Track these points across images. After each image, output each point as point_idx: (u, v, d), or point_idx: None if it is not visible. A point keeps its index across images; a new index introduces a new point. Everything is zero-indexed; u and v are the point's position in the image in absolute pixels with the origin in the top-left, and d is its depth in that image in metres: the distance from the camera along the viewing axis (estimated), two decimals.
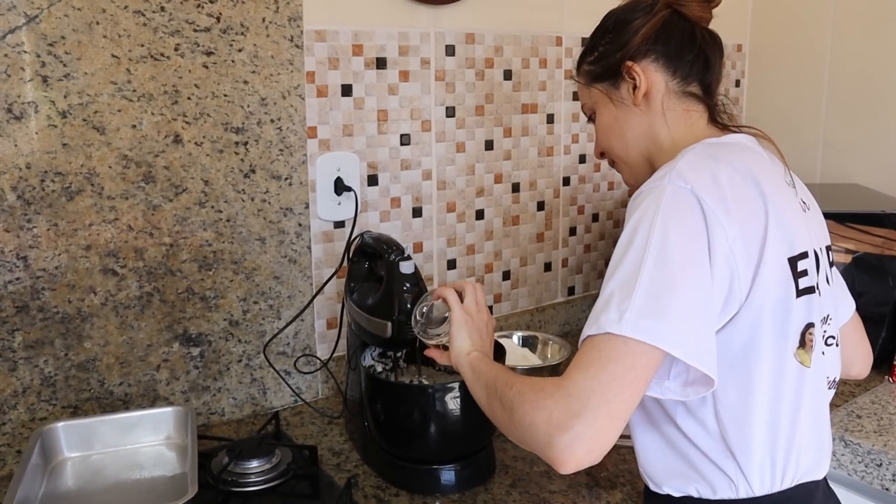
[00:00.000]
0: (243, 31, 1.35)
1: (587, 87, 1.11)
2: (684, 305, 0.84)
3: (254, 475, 1.19)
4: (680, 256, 0.85)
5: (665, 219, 0.87)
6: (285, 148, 1.43)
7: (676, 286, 0.84)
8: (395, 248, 1.23)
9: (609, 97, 1.08)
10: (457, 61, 1.64)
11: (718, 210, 0.88)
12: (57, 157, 1.22)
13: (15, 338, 1.23)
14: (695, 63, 1.04)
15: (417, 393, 1.22)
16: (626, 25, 1.06)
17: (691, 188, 0.88)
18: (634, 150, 1.08)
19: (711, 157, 0.95)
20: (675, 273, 0.84)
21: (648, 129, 1.06)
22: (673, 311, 0.83)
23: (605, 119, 1.10)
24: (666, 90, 1.04)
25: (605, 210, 2.00)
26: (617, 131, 1.09)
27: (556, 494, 1.21)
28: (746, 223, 0.90)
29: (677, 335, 0.83)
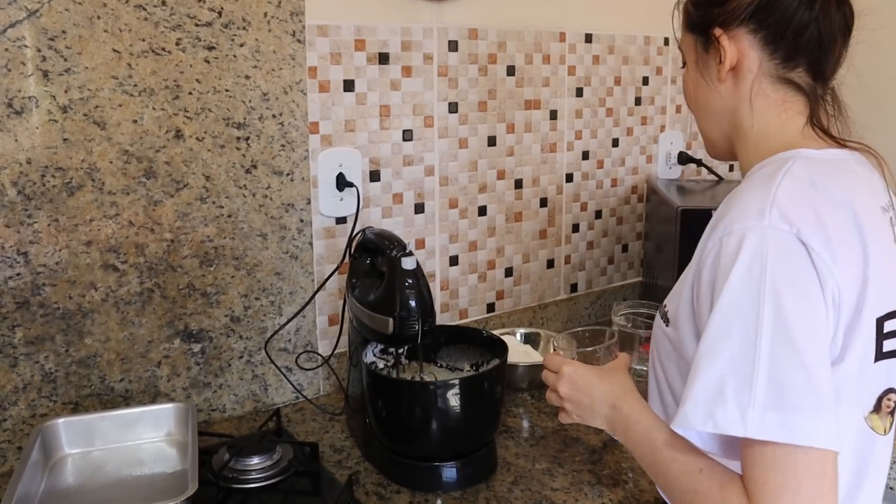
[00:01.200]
0: (245, 26, 1.34)
1: (682, 32, 0.94)
2: (817, 386, 0.73)
3: (255, 472, 1.19)
4: (801, 324, 0.74)
5: (775, 279, 0.74)
6: (287, 143, 1.42)
7: (807, 365, 0.73)
8: (397, 244, 1.23)
9: (696, 57, 0.92)
10: (460, 57, 1.63)
11: (827, 257, 0.76)
12: (58, 152, 1.21)
13: (15, 334, 1.22)
14: (804, 43, 0.85)
15: (419, 389, 1.22)
16: None
17: (797, 233, 0.76)
18: (715, 126, 0.95)
19: (812, 184, 0.80)
20: (802, 350, 0.73)
21: (732, 111, 0.91)
22: (803, 397, 0.72)
23: (688, 80, 0.95)
24: (759, 71, 0.87)
25: (609, 207, 1.99)
26: (697, 100, 0.95)
27: (559, 492, 1.20)
28: (847, 275, 0.78)
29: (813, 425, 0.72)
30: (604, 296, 2.01)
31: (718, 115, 0.92)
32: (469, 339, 1.38)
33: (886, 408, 0.83)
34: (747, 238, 0.76)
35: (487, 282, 1.79)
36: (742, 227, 0.78)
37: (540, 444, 1.35)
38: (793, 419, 0.71)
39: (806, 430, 0.71)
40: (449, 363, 1.39)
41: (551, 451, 1.32)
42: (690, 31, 0.92)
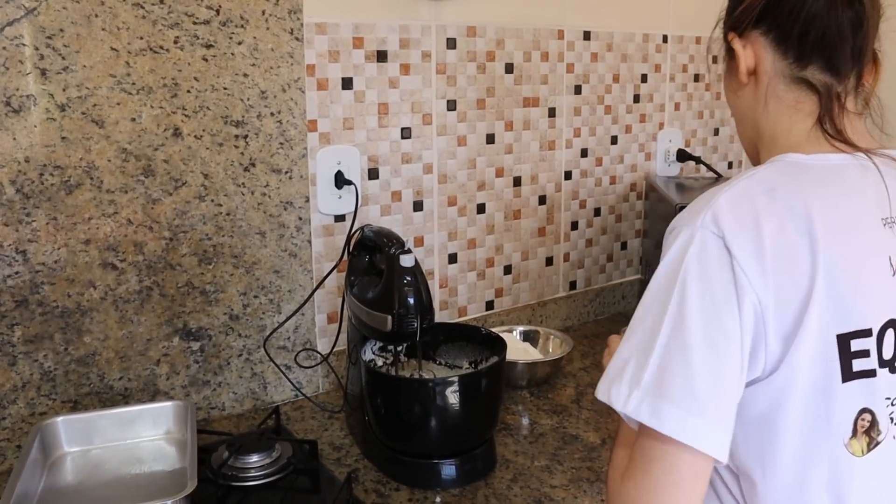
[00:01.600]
0: (243, 24, 1.34)
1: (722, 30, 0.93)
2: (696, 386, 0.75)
3: (254, 470, 1.19)
4: (698, 325, 0.76)
5: (687, 277, 0.77)
6: (285, 141, 1.42)
7: (692, 363, 0.75)
8: (396, 242, 1.23)
9: (726, 65, 0.93)
10: (458, 54, 1.63)
11: (751, 268, 0.76)
12: (56, 151, 1.21)
13: (14, 332, 1.22)
14: (811, 40, 0.83)
15: (418, 387, 1.22)
16: None
17: (723, 238, 0.77)
18: (743, 132, 0.93)
19: (769, 191, 0.79)
20: (691, 347, 0.75)
21: (752, 115, 0.90)
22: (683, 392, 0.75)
23: (724, 80, 0.95)
24: (773, 72, 0.86)
25: (608, 205, 1.99)
26: (731, 107, 0.95)
27: (558, 489, 1.20)
28: (783, 288, 0.76)
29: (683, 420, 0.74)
30: (603, 293, 2.02)
31: (744, 121, 0.92)
32: (468, 337, 1.38)
33: (861, 428, 0.81)
34: (679, 235, 0.79)
35: (486, 279, 1.79)
36: (679, 224, 0.81)
37: (539, 442, 1.35)
38: (665, 409, 0.75)
39: (674, 422, 0.74)
40: (448, 361, 1.40)
41: (550, 449, 1.32)
42: (723, 41, 0.93)
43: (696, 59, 2.08)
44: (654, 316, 0.78)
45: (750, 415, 0.80)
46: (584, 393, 1.55)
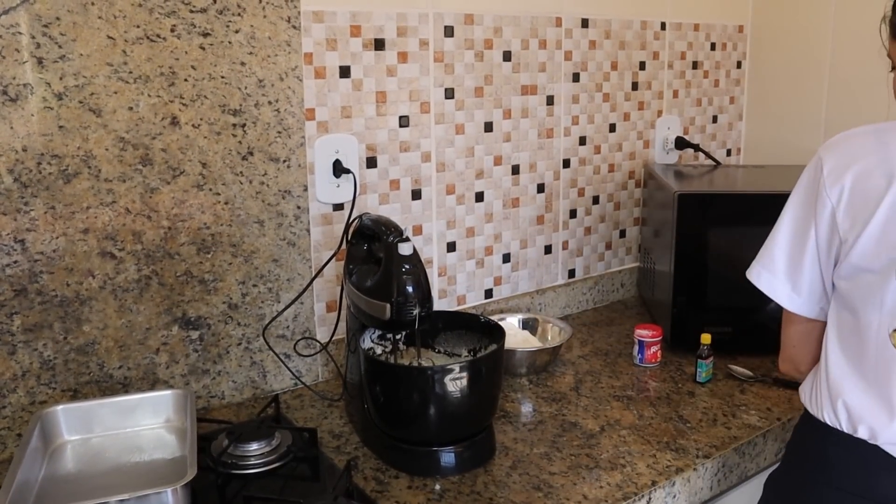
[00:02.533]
0: (240, 12, 1.34)
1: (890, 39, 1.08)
2: (775, 254, 1.10)
3: (254, 458, 1.19)
4: (790, 216, 1.09)
5: (798, 184, 1.09)
6: (283, 130, 1.42)
7: (776, 238, 1.11)
8: (394, 230, 1.23)
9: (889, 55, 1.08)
10: (456, 42, 1.63)
11: (830, 183, 1.02)
12: (53, 140, 1.21)
13: (14, 321, 1.22)
14: None
15: (417, 375, 1.22)
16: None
17: (820, 160, 1.05)
18: None
19: (880, 132, 1.03)
20: (780, 227, 1.10)
21: None
22: (766, 257, 1.12)
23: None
24: None
25: (606, 192, 1.99)
26: None
27: (557, 476, 1.21)
28: (854, 199, 1.01)
29: (767, 276, 1.12)
30: (601, 281, 2.02)
31: None
32: (467, 325, 1.38)
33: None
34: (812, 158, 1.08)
35: (485, 268, 1.79)
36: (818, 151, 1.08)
37: (538, 429, 1.35)
38: (756, 269, 1.14)
39: (759, 277, 1.13)
40: (447, 349, 1.40)
41: (549, 436, 1.33)
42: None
43: (694, 46, 2.08)
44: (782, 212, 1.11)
45: (836, 295, 1.08)
46: (583, 380, 1.55)
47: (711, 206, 1.62)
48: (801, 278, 1.09)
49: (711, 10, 2.11)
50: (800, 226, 1.08)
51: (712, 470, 1.26)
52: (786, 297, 1.11)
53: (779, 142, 2.20)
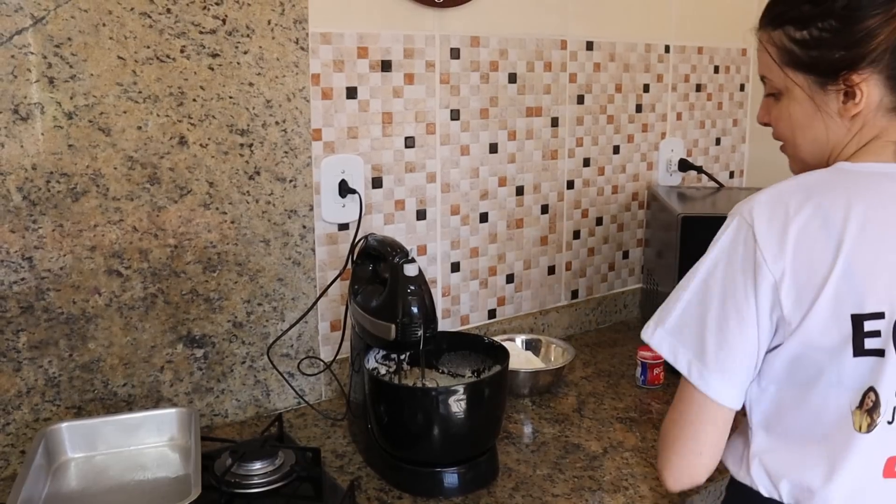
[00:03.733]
0: (249, 34, 1.35)
1: (779, 66, 0.97)
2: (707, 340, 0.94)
3: (257, 477, 1.19)
4: (718, 291, 0.93)
5: (720, 252, 0.95)
6: (290, 150, 1.43)
7: (706, 318, 0.94)
8: (399, 251, 1.23)
9: (810, 97, 0.96)
10: (461, 64, 1.64)
11: (769, 253, 0.90)
12: (62, 158, 1.22)
13: (20, 338, 1.23)
14: None
15: (421, 395, 1.23)
16: (858, 20, 0.89)
17: (752, 227, 0.91)
18: (814, 153, 1.00)
19: (807, 189, 0.92)
20: (708, 306, 0.94)
21: (840, 140, 0.96)
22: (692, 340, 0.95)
23: (795, 115, 0.98)
24: (878, 107, 0.93)
25: (610, 214, 2.00)
26: (804, 133, 0.99)
27: (560, 498, 1.20)
28: (800, 271, 0.89)
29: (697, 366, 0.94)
30: (604, 302, 2.02)
31: (823, 144, 0.98)
32: (471, 346, 1.39)
33: (866, 406, 0.90)
34: (730, 220, 0.95)
35: (489, 288, 1.79)
36: (732, 212, 0.96)
37: (541, 451, 1.35)
38: (680, 351, 0.96)
39: (685, 362, 0.95)
40: (451, 369, 1.40)
41: (552, 458, 1.33)
42: (794, 69, 0.96)
43: (697, 69, 2.10)
44: (691, 277, 0.96)
45: (772, 374, 0.95)
46: (586, 402, 1.55)
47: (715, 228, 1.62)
48: (734, 366, 0.93)
49: (715, 33, 2.12)
50: (734, 305, 0.91)
51: (715, 493, 1.26)
52: (722, 392, 0.93)
53: (782, 164, 2.19)
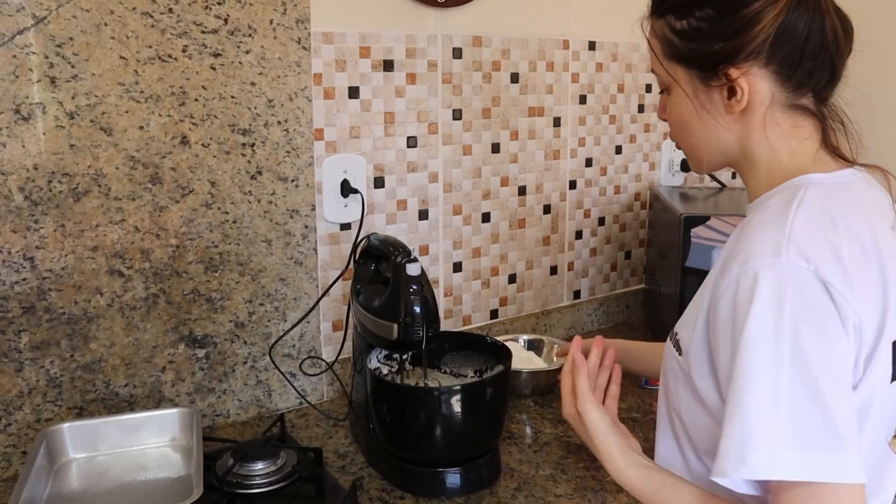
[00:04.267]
0: (251, 33, 1.35)
1: (661, 59, 0.90)
2: (838, 423, 0.73)
3: (259, 477, 1.19)
4: (820, 363, 0.74)
5: (795, 319, 0.74)
6: (292, 150, 1.43)
7: (828, 406, 0.73)
8: (402, 250, 1.23)
9: (692, 92, 0.88)
10: (464, 64, 1.64)
11: (846, 292, 0.76)
12: (64, 158, 1.22)
13: (21, 338, 1.23)
14: (816, 70, 0.83)
15: (423, 395, 1.22)
16: (736, 8, 0.82)
17: (815, 270, 0.75)
18: (715, 155, 0.92)
19: (826, 215, 0.80)
20: (822, 391, 0.73)
21: (738, 142, 0.88)
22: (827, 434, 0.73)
23: (681, 114, 0.91)
24: (771, 103, 0.85)
25: (612, 214, 1.99)
26: (695, 133, 0.91)
27: (562, 498, 1.20)
28: (868, 305, 0.78)
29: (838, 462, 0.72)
30: (607, 302, 2.02)
31: (721, 146, 0.90)
32: (473, 346, 1.39)
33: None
34: (764, 277, 0.76)
35: (491, 288, 1.79)
36: (758, 264, 0.77)
37: (543, 451, 1.35)
38: (818, 458, 0.72)
39: (831, 467, 0.72)
40: (453, 369, 1.40)
41: (555, 458, 1.33)
42: (675, 62, 0.88)
43: None
44: (765, 371, 0.74)
45: None
46: None
47: (716, 228, 1.62)
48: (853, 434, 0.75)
49: None
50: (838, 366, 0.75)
51: None
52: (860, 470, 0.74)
53: None
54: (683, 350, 0.90)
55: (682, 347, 0.90)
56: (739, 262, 0.78)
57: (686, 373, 0.89)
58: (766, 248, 0.77)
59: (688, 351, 0.89)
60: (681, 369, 0.91)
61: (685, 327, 0.91)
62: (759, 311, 0.75)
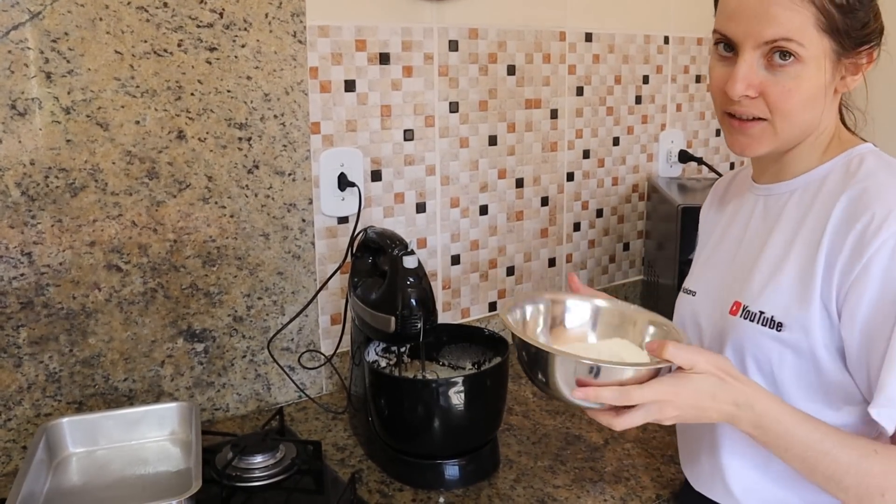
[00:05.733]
0: (246, 27, 1.35)
1: (817, 29, 0.87)
2: None
3: (258, 470, 1.19)
4: None
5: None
6: (289, 143, 1.43)
7: None
8: (399, 243, 1.23)
9: (827, 63, 0.89)
10: (460, 56, 1.64)
11: None
12: (61, 154, 1.22)
13: (20, 334, 1.23)
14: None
15: (421, 387, 1.22)
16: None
17: None
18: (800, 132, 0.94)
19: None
20: None
21: (822, 122, 0.94)
22: None
23: (811, 88, 0.90)
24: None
25: (610, 206, 1.99)
26: (817, 108, 0.92)
27: (561, 489, 1.20)
28: None
29: None
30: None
31: (812, 124, 0.94)
32: (471, 338, 1.39)
33: None
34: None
35: (489, 281, 1.79)
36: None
37: (542, 442, 1.35)
38: None
39: None
40: (451, 361, 1.40)
41: (553, 449, 1.33)
42: (829, 35, 0.88)
43: (697, 60, 2.09)
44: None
45: None
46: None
47: None
48: None
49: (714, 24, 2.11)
50: None
51: None
52: None
53: None
54: (786, 325, 0.93)
55: (784, 322, 0.93)
56: (892, 220, 0.85)
57: (796, 347, 0.93)
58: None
59: (796, 324, 0.92)
60: (785, 346, 0.93)
61: (777, 300, 0.94)
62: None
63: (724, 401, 0.87)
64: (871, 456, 0.85)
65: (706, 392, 0.86)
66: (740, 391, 0.87)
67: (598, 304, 1.05)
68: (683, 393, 0.85)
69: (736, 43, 0.91)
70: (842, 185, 0.93)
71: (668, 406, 0.86)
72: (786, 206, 0.99)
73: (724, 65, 0.94)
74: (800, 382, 0.94)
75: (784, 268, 0.94)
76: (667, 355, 0.85)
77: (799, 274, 0.93)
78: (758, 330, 0.95)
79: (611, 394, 0.84)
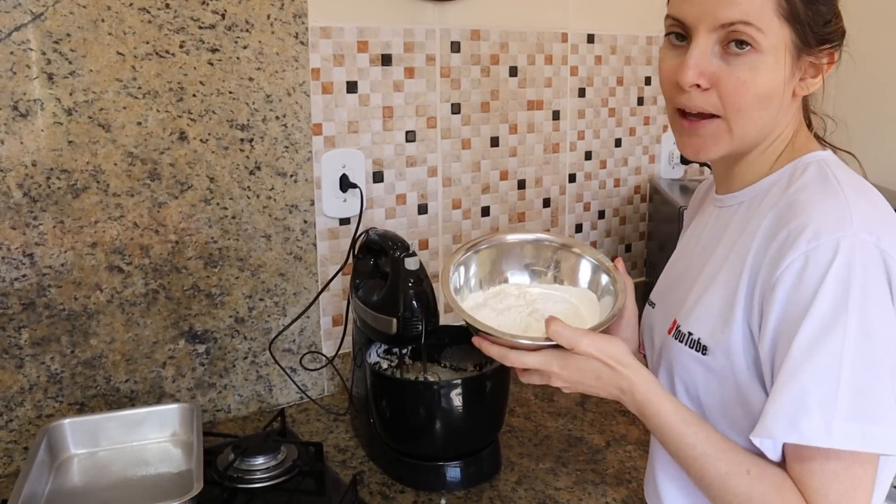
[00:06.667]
0: (248, 28, 1.35)
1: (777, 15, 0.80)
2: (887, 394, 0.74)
3: (259, 472, 1.19)
4: (882, 334, 0.75)
5: (863, 290, 0.75)
6: (290, 145, 1.43)
7: (884, 375, 0.74)
8: (401, 245, 1.23)
9: (787, 57, 0.82)
10: (462, 58, 1.64)
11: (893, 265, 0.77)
12: (63, 155, 1.22)
13: (21, 335, 1.23)
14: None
15: (423, 389, 1.22)
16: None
17: (876, 241, 0.76)
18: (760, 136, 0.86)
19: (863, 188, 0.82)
20: (883, 362, 0.74)
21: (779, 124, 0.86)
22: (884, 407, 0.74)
23: (767, 82, 0.82)
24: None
25: (612, 207, 1.99)
26: (773, 106, 0.84)
27: (562, 491, 1.20)
28: None
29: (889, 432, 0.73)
30: None
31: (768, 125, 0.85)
32: None
33: None
34: (841, 248, 0.75)
35: None
36: (833, 237, 0.76)
37: (543, 444, 1.35)
38: (875, 430, 0.73)
39: (887, 439, 0.74)
40: (453, 363, 1.40)
41: (555, 451, 1.33)
42: (789, 24, 0.81)
43: None
44: (830, 339, 0.74)
45: None
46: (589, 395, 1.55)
47: None
48: None
49: None
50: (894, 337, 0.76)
51: None
52: None
53: None
54: (710, 348, 0.86)
55: (708, 345, 0.87)
56: (807, 237, 0.77)
57: (718, 372, 0.86)
58: (832, 221, 0.77)
59: (719, 348, 0.85)
60: (707, 371, 0.87)
61: (703, 323, 0.87)
62: (831, 281, 0.75)
63: (609, 384, 0.87)
64: (739, 475, 0.80)
65: (590, 372, 0.87)
66: (624, 377, 0.86)
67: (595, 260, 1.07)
68: (567, 369, 0.88)
69: (689, 27, 0.85)
70: (779, 197, 0.84)
71: (553, 377, 0.89)
72: (732, 220, 0.90)
73: (675, 54, 0.87)
74: (725, 410, 0.87)
75: (713, 287, 0.87)
76: (549, 332, 0.86)
77: (725, 293, 0.85)
78: (685, 352, 0.89)
79: (497, 351, 0.92)
